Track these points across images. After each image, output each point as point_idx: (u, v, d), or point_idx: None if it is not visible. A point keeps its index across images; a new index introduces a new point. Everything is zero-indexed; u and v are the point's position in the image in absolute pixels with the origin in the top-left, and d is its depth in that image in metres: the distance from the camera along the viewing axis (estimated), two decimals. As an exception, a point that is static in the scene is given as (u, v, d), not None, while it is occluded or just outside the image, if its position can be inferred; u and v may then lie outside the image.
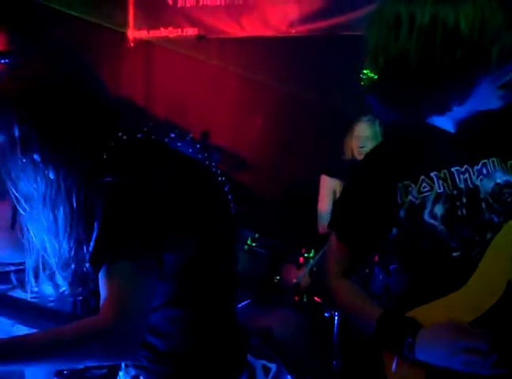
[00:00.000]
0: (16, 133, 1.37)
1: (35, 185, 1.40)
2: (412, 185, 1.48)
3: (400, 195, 1.48)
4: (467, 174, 1.46)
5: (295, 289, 3.33)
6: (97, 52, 5.07)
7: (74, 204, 1.39)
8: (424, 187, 1.47)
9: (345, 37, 4.44)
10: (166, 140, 1.49)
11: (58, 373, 2.38)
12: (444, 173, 1.47)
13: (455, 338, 1.39)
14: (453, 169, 1.47)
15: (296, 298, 3.36)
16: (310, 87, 4.46)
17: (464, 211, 1.44)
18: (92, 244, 1.32)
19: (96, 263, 1.30)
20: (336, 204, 1.68)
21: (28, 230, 1.46)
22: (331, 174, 3.82)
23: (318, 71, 4.48)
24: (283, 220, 4.24)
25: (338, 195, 3.92)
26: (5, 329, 1.92)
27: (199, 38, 4.93)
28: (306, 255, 3.47)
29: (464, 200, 1.45)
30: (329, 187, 3.94)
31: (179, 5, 5.02)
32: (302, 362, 2.88)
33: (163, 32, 5.12)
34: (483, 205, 1.44)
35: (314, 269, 3.37)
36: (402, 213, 1.48)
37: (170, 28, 5.08)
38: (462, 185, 1.46)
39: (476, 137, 1.48)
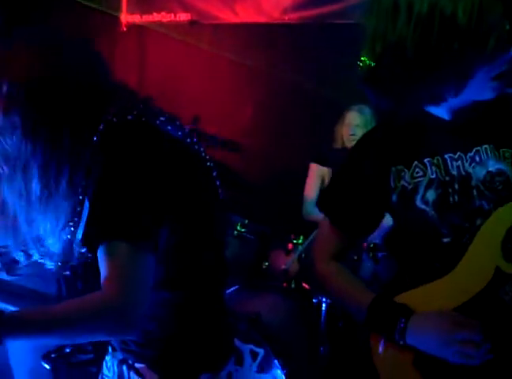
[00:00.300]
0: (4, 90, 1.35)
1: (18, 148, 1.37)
2: (405, 170, 1.48)
3: (393, 179, 1.49)
4: (460, 161, 1.46)
5: (283, 275, 3.34)
6: (90, 36, 5.05)
7: (59, 180, 1.37)
8: (417, 172, 1.47)
9: (338, 25, 4.44)
10: (157, 122, 1.47)
11: (46, 356, 2.39)
12: (437, 159, 1.47)
13: (450, 329, 1.39)
14: (446, 155, 1.47)
15: (285, 284, 3.38)
16: (302, 74, 4.46)
17: (455, 197, 1.45)
18: (84, 224, 1.33)
19: (91, 242, 1.31)
20: (329, 187, 1.69)
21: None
22: (321, 162, 3.84)
23: (311, 58, 4.47)
24: (272, 206, 4.25)
25: (326, 183, 3.94)
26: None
27: (192, 23, 4.91)
28: (295, 241, 3.48)
29: (457, 186, 1.45)
30: (317, 175, 3.97)
31: (173, -11, 5.00)
32: (289, 347, 2.90)
33: (156, 17, 5.09)
34: (475, 192, 1.45)
35: (303, 255, 3.39)
36: (394, 198, 1.49)
37: (163, 13, 5.05)
38: (455, 172, 1.46)
39: (470, 125, 1.48)
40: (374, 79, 1.44)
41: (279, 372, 1.71)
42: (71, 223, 1.40)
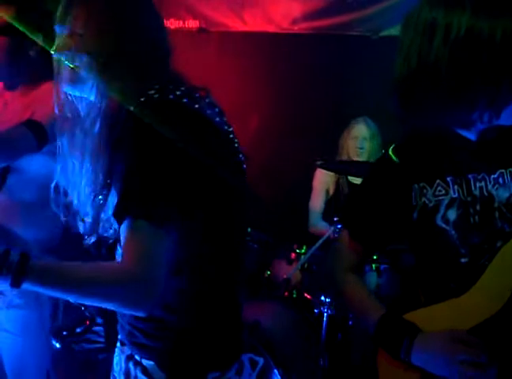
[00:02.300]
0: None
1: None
2: (428, 187, 1.48)
3: (415, 196, 1.49)
4: (483, 182, 1.46)
5: (285, 284, 3.33)
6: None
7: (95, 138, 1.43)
8: (439, 191, 1.47)
9: (347, 36, 4.45)
10: (195, 106, 1.48)
11: (56, 334, 2.38)
12: (460, 178, 1.47)
13: (453, 349, 1.38)
14: (469, 175, 1.46)
15: (286, 294, 3.36)
16: (309, 84, 4.47)
17: (476, 218, 1.44)
18: (119, 196, 1.36)
19: (120, 215, 1.33)
20: (350, 201, 1.69)
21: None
22: (328, 168, 3.85)
23: (319, 69, 4.48)
24: (276, 216, 4.24)
25: (331, 193, 3.94)
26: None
27: (200, 30, 4.92)
28: (297, 251, 3.46)
29: (478, 207, 1.45)
30: (322, 185, 3.97)
31: (182, -4, 5.02)
32: (289, 357, 2.89)
33: (164, 23, 5.10)
34: (497, 214, 1.44)
35: (306, 265, 3.38)
36: (415, 215, 1.49)
37: (171, 20, 5.06)
38: (477, 193, 1.45)
39: (496, 147, 1.47)
40: (406, 94, 1.42)
41: (279, 382, 1.70)
42: (100, 194, 1.44)
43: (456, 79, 1.34)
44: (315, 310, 3.22)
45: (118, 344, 1.59)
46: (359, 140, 3.85)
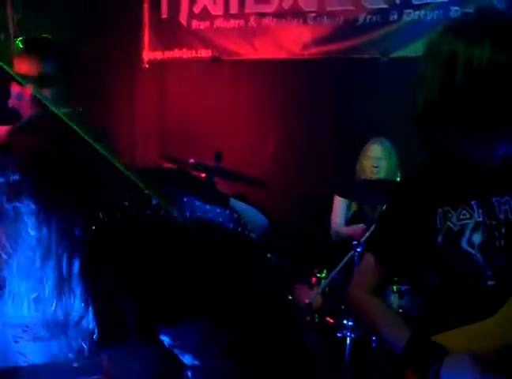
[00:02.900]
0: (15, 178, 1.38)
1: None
2: (452, 211, 1.49)
3: (440, 220, 1.50)
4: (507, 206, 1.47)
5: (307, 309, 3.33)
6: (113, 72, 5.15)
7: (63, 269, 1.38)
8: (464, 214, 1.48)
9: (357, 59, 4.49)
10: (147, 213, 1.40)
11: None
12: (484, 202, 1.48)
13: (481, 370, 1.38)
14: (493, 199, 1.48)
15: (308, 318, 3.37)
16: (322, 108, 4.50)
17: (502, 241, 1.45)
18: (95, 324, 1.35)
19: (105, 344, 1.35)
20: (376, 225, 1.70)
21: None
22: (343, 195, 3.85)
23: (330, 93, 4.52)
24: (296, 240, 4.26)
25: (353, 210, 3.94)
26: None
27: (213, 59, 4.99)
28: (318, 275, 3.47)
29: (503, 230, 1.46)
30: (341, 205, 3.98)
31: (194, 27, 5.09)
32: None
33: (177, 53, 5.19)
34: None
35: (327, 290, 3.38)
36: (440, 239, 1.50)
37: (184, 50, 5.15)
38: (502, 216, 1.46)
39: None
40: (429, 125, 1.44)
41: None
42: None
43: (479, 112, 1.35)
44: (338, 334, 3.22)
45: None
46: (375, 159, 3.87)
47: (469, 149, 1.44)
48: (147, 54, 5.32)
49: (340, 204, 3.99)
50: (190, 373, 1.48)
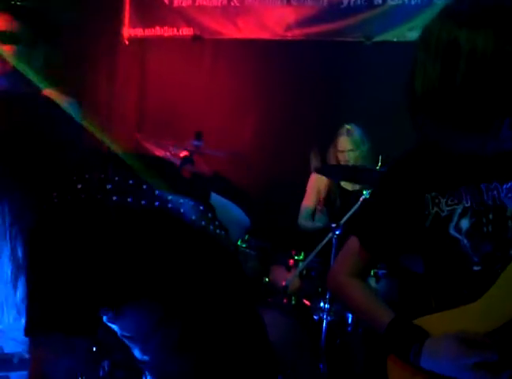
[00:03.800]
0: None
1: None
2: (440, 197, 1.48)
3: (428, 206, 1.48)
4: (495, 191, 1.45)
5: (283, 291, 3.33)
6: (92, 49, 5.06)
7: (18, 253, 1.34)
8: (452, 200, 1.47)
9: (341, 42, 4.47)
10: (99, 196, 1.35)
11: None
12: (473, 188, 1.46)
13: (463, 352, 1.38)
14: (482, 185, 1.46)
15: (285, 301, 3.37)
16: (303, 90, 4.48)
17: (489, 227, 1.44)
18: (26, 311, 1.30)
19: (30, 333, 1.28)
20: (362, 209, 1.68)
21: None
22: (323, 172, 3.88)
23: (312, 75, 4.50)
24: (274, 222, 4.25)
25: (323, 195, 3.99)
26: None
27: (194, 38, 4.93)
28: (296, 257, 3.47)
29: (491, 216, 1.44)
30: (314, 185, 4.03)
31: (175, 4, 5.01)
32: (289, 363, 2.89)
33: (158, 31, 5.11)
34: (510, 223, 1.43)
35: (304, 272, 3.38)
36: (428, 224, 1.49)
37: (165, 27, 5.07)
38: (490, 202, 1.45)
39: (508, 156, 1.46)
40: (426, 111, 1.39)
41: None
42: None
43: (482, 102, 1.31)
44: (314, 317, 3.23)
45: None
46: (345, 153, 3.92)
47: (467, 139, 1.41)
48: (127, 31, 5.22)
49: (312, 187, 4.04)
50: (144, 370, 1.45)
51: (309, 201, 4.08)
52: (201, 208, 1.50)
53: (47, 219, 1.31)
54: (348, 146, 3.92)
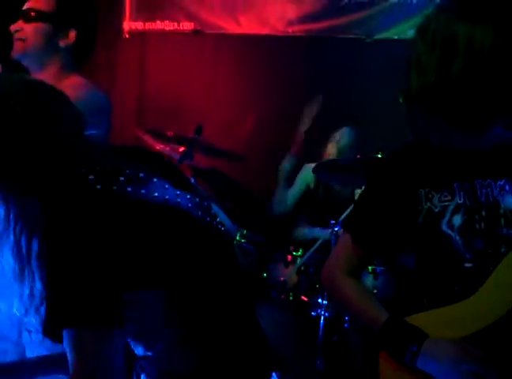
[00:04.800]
0: None
1: None
2: (434, 192, 1.48)
3: (421, 201, 1.48)
4: (489, 188, 1.45)
5: (281, 287, 3.33)
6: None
7: (23, 250, 1.31)
8: (445, 196, 1.47)
9: (342, 39, 4.47)
10: (113, 188, 1.34)
11: None
12: (466, 184, 1.46)
13: (465, 358, 1.39)
14: (475, 181, 1.46)
15: (283, 296, 3.37)
16: (304, 86, 4.48)
17: (482, 224, 1.44)
18: (44, 308, 1.28)
19: (50, 331, 1.27)
20: (354, 205, 1.68)
21: None
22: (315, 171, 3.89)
23: (313, 71, 4.49)
24: (272, 218, 4.25)
25: (311, 187, 3.99)
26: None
27: (195, 32, 4.92)
28: (294, 253, 3.46)
29: (484, 213, 1.45)
30: (302, 179, 4.02)
31: (177, -2, 5.01)
32: (286, 359, 2.89)
33: (159, 25, 5.10)
34: (502, 221, 1.44)
35: (302, 268, 3.38)
36: (420, 219, 1.48)
37: (166, 21, 5.05)
38: (483, 199, 1.45)
39: (502, 153, 1.46)
40: (421, 104, 1.39)
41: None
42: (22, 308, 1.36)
43: (478, 97, 1.31)
44: (312, 313, 3.22)
45: None
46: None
47: (460, 135, 1.42)
48: (128, 25, 5.21)
49: (299, 180, 4.02)
50: (142, 365, 1.44)
51: (295, 188, 4.05)
52: (205, 204, 1.50)
53: (69, 211, 1.29)
54: (334, 153, 3.95)
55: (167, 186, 1.42)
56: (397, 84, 1.50)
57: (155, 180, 1.40)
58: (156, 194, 1.38)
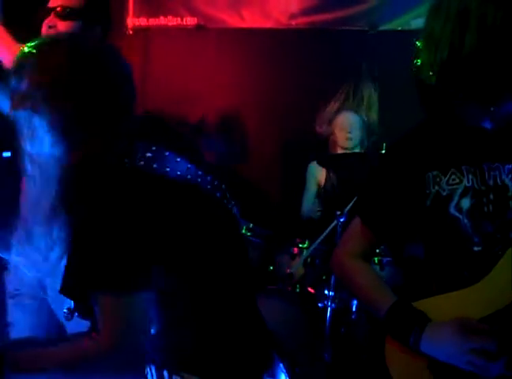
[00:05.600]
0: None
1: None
2: (442, 176, 1.48)
3: (429, 185, 1.49)
4: (497, 171, 1.45)
5: (288, 279, 3.34)
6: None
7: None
8: (453, 179, 1.47)
9: (345, 31, 4.46)
10: (149, 166, 1.41)
11: None
12: (474, 167, 1.46)
13: (462, 338, 1.39)
14: (484, 164, 1.46)
15: (289, 288, 3.38)
16: (308, 79, 4.47)
17: (490, 207, 1.44)
18: (67, 269, 1.33)
19: (74, 292, 1.33)
20: (364, 189, 1.69)
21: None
22: (322, 164, 3.88)
23: (317, 63, 4.49)
24: (278, 210, 4.26)
25: (322, 185, 3.97)
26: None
27: (198, 27, 4.92)
28: (300, 245, 3.47)
29: (492, 196, 1.44)
30: (311, 177, 4.00)
31: (179, -7, 5.01)
32: (293, 350, 2.90)
33: (162, 21, 5.09)
34: (511, 204, 1.43)
35: (309, 260, 3.39)
36: (428, 203, 1.49)
37: (169, 17, 5.05)
38: (491, 182, 1.45)
39: (510, 136, 1.46)
40: (435, 80, 1.39)
41: (283, 376, 1.71)
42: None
43: (490, 73, 1.31)
44: (319, 304, 3.23)
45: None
46: (347, 129, 3.89)
47: (474, 110, 1.41)
48: (131, 21, 5.21)
49: (310, 178, 4.02)
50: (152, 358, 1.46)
51: (307, 192, 4.04)
52: (223, 186, 1.55)
53: (102, 183, 1.35)
54: (353, 123, 3.89)
55: (188, 166, 1.46)
56: (401, 75, 1.50)
57: (178, 159, 1.46)
58: (179, 173, 1.43)
